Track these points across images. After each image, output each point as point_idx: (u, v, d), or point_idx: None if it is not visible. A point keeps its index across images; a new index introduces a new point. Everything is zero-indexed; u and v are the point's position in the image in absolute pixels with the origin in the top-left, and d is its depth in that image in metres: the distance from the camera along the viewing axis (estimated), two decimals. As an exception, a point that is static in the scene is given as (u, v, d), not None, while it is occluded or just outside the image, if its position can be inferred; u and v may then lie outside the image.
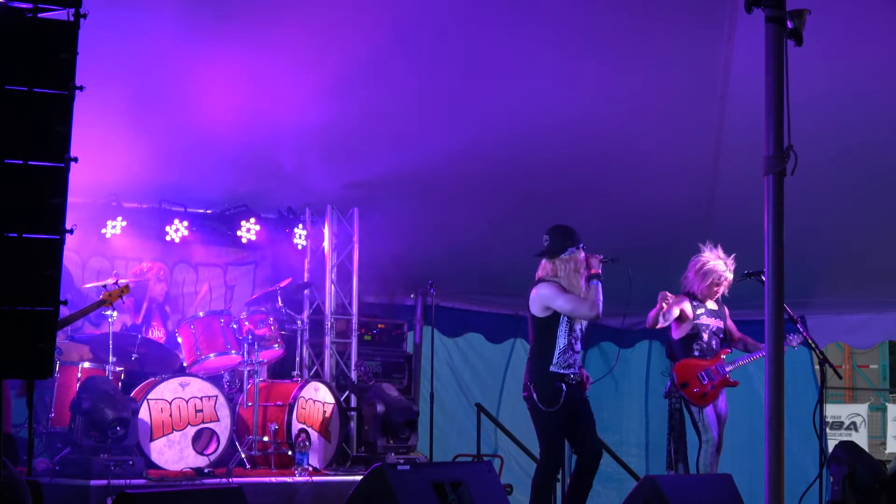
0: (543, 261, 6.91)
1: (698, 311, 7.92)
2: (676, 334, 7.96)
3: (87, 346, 8.51)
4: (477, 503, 6.27)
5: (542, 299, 6.79)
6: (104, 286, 7.97)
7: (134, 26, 7.52)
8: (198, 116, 8.27)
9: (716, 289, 7.95)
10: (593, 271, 6.79)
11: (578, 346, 6.83)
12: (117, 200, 9.05)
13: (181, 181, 9.12)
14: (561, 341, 6.73)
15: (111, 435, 7.32)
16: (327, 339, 9.78)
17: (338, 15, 7.85)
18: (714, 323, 7.96)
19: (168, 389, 7.99)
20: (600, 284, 6.77)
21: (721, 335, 7.99)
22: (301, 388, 8.60)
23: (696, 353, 7.88)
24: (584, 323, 6.86)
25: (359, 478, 6.52)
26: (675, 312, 7.82)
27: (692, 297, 7.96)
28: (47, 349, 4.02)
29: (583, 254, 6.84)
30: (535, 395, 6.69)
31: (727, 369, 7.86)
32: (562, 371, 6.71)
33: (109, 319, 8.04)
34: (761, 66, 5.48)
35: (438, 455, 9.66)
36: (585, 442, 6.80)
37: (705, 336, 7.92)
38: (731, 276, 7.95)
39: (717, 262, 7.94)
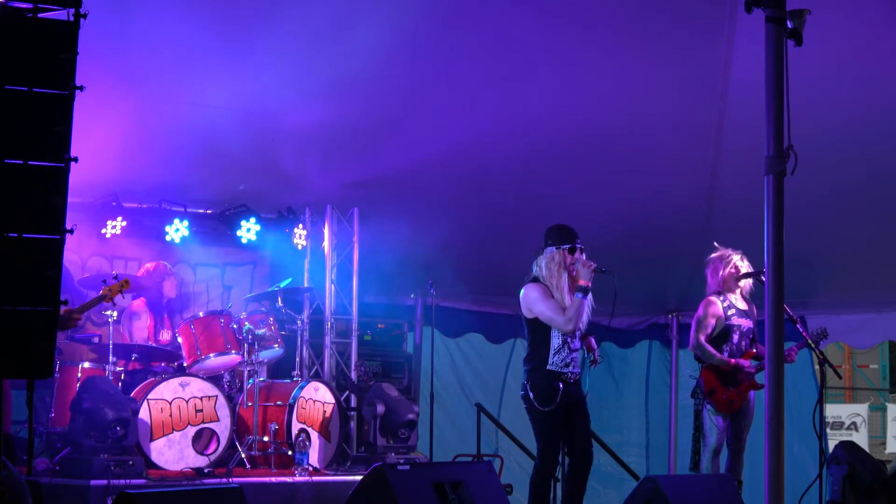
0: None
1: (729, 312, 7.83)
2: (704, 335, 7.86)
3: (86, 345, 8.53)
4: (477, 503, 6.27)
5: (526, 301, 6.75)
6: (104, 282, 7.95)
7: (134, 26, 7.52)
8: (198, 116, 8.27)
9: (735, 274, 7.86)
10: (581, 282, 6.59)
11: (576, 345, 6.73)
12: (117, 200, 9.04)
13: (181, 181, 9.12)
14: (555, 341, 6.67)
15: (111, 435, 7.32)
16: (327, 339, 9.78)
17: (337, 15, 7.85)
18: (745, 323, 7.85)
19: (168, 389, 7.99)
20: (585, 300, 6.59)
21: (751, 336, 7.88)
22: (301, 388, 8.60)
23: (726, 355, 7.76)
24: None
25: (359, 478, 6.53)
26: (712, 322, 7.81)
27: (718, 294, 7.89)
28: (47, 349, 4.02)
29: (570, 256, 6.69)
30: (531, 395, 6.67)
31: (753, 370, 7.77)
32: (559, 370, 6.67)
33: (109, 319, 8.04)
34: (761, 66, 5.49)
35: (438, 455, 9.66)
36: (578, 444, 6.74)
37: (735, 337, 7.81)
38: (742, 262, 7.87)
39: (726, 250, 7.90)
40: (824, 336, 7.82)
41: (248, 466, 8.10)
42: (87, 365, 8.22)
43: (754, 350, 7.83)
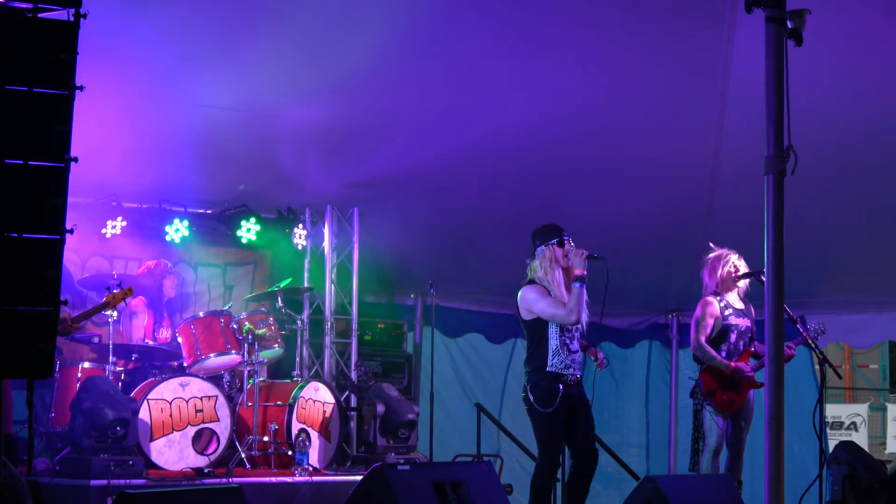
0: None
1: (726, 312, 7.81)
2: (704, 335, 7.85)
3: (87, 345, 8.53)
4: (477, 503, 6.27)
5: (524, 303, 6.75)
6: (107, 288, 7.96)
7: (134, 26, 7.52)
8: (198, 116, 8.27)
9: (733, 274, 7.86)
10: (577, 272, 6.62)
11: (575, 346, 6.73)
12: (117, 200, 9.05)
13: (181, 181, 9.13)
14: (553, 342, 6.67)
15: (111, 435, 7.32)
16: (327, 339, 9.79)
17: (337, 14, 7.85)
18: (743, 323, 7.83)
19: (168, 389, 7.99)
20: (583, 288, 6.61)
21: (749, 335, 7.87)
22: (301, 388, 8.60)
23: (724, 354, 7.76)
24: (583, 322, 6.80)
25: (359, 478, 6.53)
26: (711, 322, 7.80)
27: (715, 294, 7.89)
28: (47, 349, 4.02)
29: (560, 250, 6.71)
30: (531, 396, 6.67)
31: (752, 373, 7.75)
32: (559, 371, 6.67)
33: (109, 319, 8.04)
34: (761, 66, 5.48)
35: (438, 455, 9.65)
36: (581, 445, 6.73)
37: (733, 336, 7.79)
38: (740, 262, 7.88)
39: (722, 250, 7.91)
40: (822, 332, 7.82)
41: (248, 466, 8.10)
42: (87, 365, 8.23)
43: (753, 349, 7.82)
